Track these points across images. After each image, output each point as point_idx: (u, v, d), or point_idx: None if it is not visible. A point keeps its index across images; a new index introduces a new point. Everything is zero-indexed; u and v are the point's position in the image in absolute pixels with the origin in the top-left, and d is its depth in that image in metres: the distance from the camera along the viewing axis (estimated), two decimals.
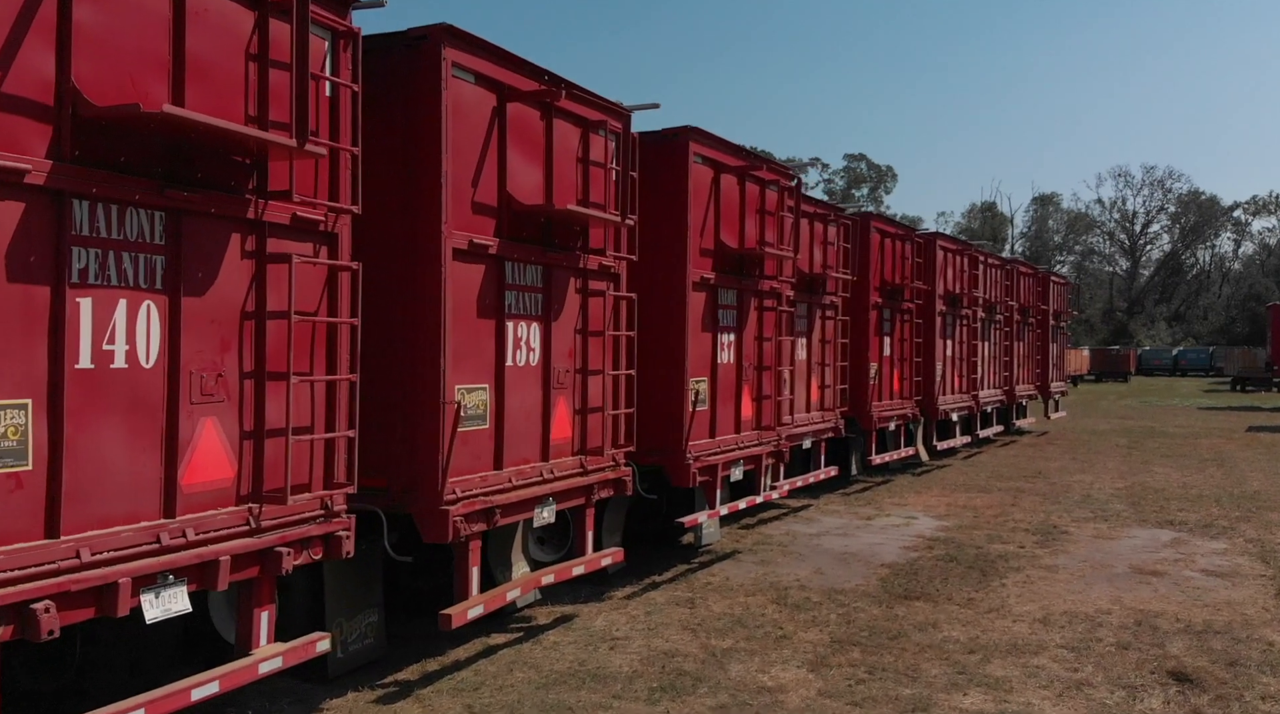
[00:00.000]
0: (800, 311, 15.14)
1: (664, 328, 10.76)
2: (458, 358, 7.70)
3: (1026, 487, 18.83)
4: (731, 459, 11.62)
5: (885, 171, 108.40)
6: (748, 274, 12.12)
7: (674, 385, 10.72)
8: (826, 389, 16.02)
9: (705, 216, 11.19)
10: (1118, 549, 13.21)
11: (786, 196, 12.78)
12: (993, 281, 24.21)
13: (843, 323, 16.38)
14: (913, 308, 19.28)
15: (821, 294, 15.76)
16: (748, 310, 12.15)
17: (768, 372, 12.60)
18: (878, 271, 17.85)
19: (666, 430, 10.77)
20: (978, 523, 14.96)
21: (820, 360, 15.85)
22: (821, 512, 15.99)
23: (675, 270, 10.73)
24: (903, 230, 18.81)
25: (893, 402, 18.54)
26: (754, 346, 12.35)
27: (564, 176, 8.94)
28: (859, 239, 17.21)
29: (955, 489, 18.45)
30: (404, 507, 7.59)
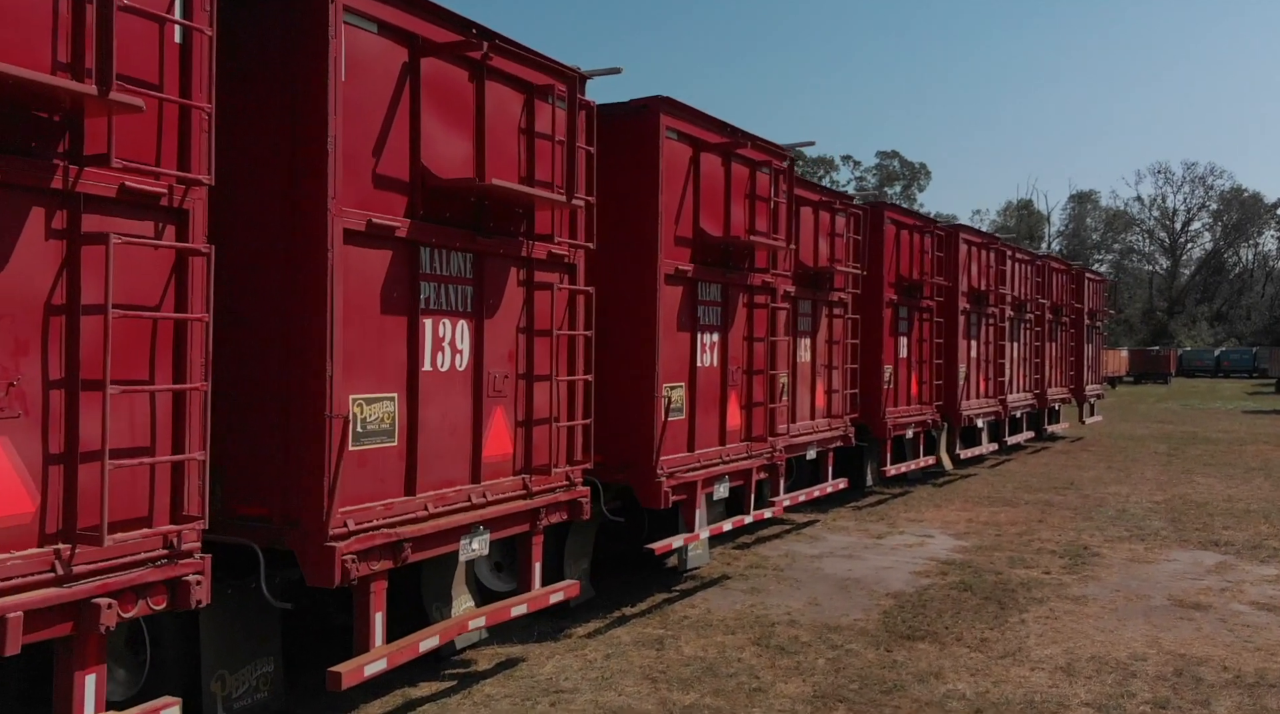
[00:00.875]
0: (803, 309, 13.79)
1: (631, 327, 9.44)
2: (351, 362, 6.41)
3: (1056, 500, 17.34)
4: (714, 474, 10.27)
5: (919, 169, 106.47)
6: (734, 266, 10.77)
7: (642, 392, 9.39)
8: (834, 394, 14.64)
9: (682, 200, 9.85)
10: (1155, 575, 11.76)
11: (780, 180, 11.40)
12: (1022, 278, 22.70)
13: (852, 322, 14.99)
14: (933, 306, 17.84)
15: (828, 290, 14.38)
16: (735, 307, 10.79)
17: (759, 376, 11.23)
18: (893, 266, 16.43)
19: (634, 444, 9.44)
20: (1000, 543, 13.53)
21: (827, 363, 14.47)
22: (828, 528, 14.61)
23: (644, 261, 9.41)
24: (921, 221, 17.38)
25: (910, 407, 17.12)
26: (742, 348, 10.99)
27: (501, 149, 7.64)
28: (871, 230, 15.83)
29: (978, 502, 17.00)
30: (283, 542, 6.30)
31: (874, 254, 15.91)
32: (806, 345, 13.95)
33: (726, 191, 10.58)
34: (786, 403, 13.18)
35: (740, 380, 10.96)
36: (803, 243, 13.72)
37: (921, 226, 17.26)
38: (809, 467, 15.05)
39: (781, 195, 11.44)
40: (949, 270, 18.56)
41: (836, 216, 14.50)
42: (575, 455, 8.53)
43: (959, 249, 18.81)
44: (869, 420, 16.14)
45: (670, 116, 9.55)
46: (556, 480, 8.26)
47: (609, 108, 9.35)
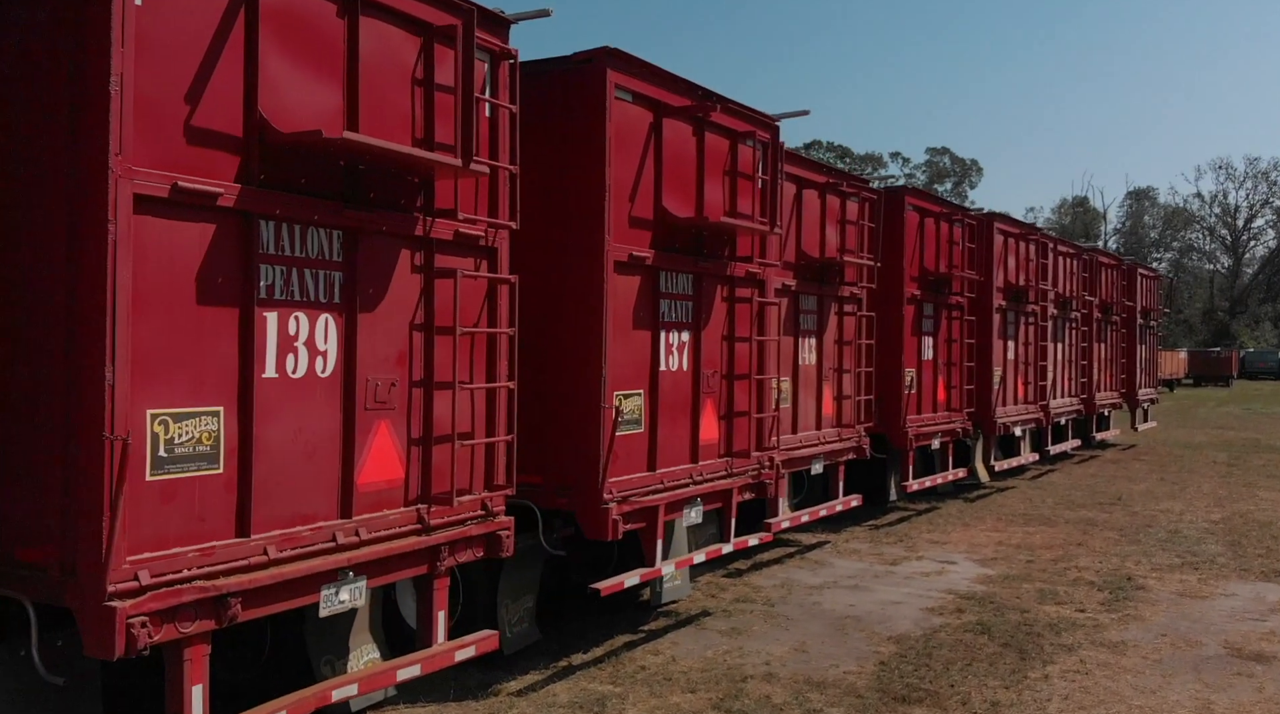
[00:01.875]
0: (806, 305, 12.21)
1: (570, 323, 7.94)
2: (150, 367, 4.96)
3: (1100, 518, 15.59)
4: (681, 497, 8.73)
5: (969, 165, 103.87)
6: (710, 254, 9.23)
7: (583, 401, 7.88)
8: (845, 401, 13.05)
9: (638, 174, 8.33)
10: (1210, 614, 10.06)
11: (769, 154, 9.82)
12: (1067, 273, 20.90)
13: (866, 320, 13.39)
14: (963, 303, 16.15)
15: (837, 284, 12.79)
16: (710, 302, 9.25)
17: (742, 381, 9.68)
18: (915, 258, 14.77)
19: (575, 463, 7.93)
20: (1030, 571, 11.86)
21: (836, 366, 12.88)
22: (838, 551, 13.01)
23: (586, 245, 7.89)
24: (947, 208, 15.67)
25: (936, 415, 15.44)
26: (721, 349, 9.45)
27: (384, 103, 6.17)
28: (889, 218, 14.19)
29: (1012, 520, 15.29)
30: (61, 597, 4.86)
31: (892, 244, 14.26)
32: (811, 346, 12.37)
33: (699, 166, 9.03)
34: (783, 412, 11.64)
35: (718, 386, 9.41)
36: (806, 230, 12.16)
37: (949, 214, 15.57)
38: (816, 483, 13.49)
39: (769, 172, 9.85)
40: (982, 263, 16.85)
41: (848, 201, 12.90)
42: (495, 479, 7.04)
43: (994, 240, 17.09)
44: (888, 430, 14.51)
45: (621, 73, 7.98)
46: (466, 510, 6.78)
47: (545, 63, 8.04)
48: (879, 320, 13.79)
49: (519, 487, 7.23)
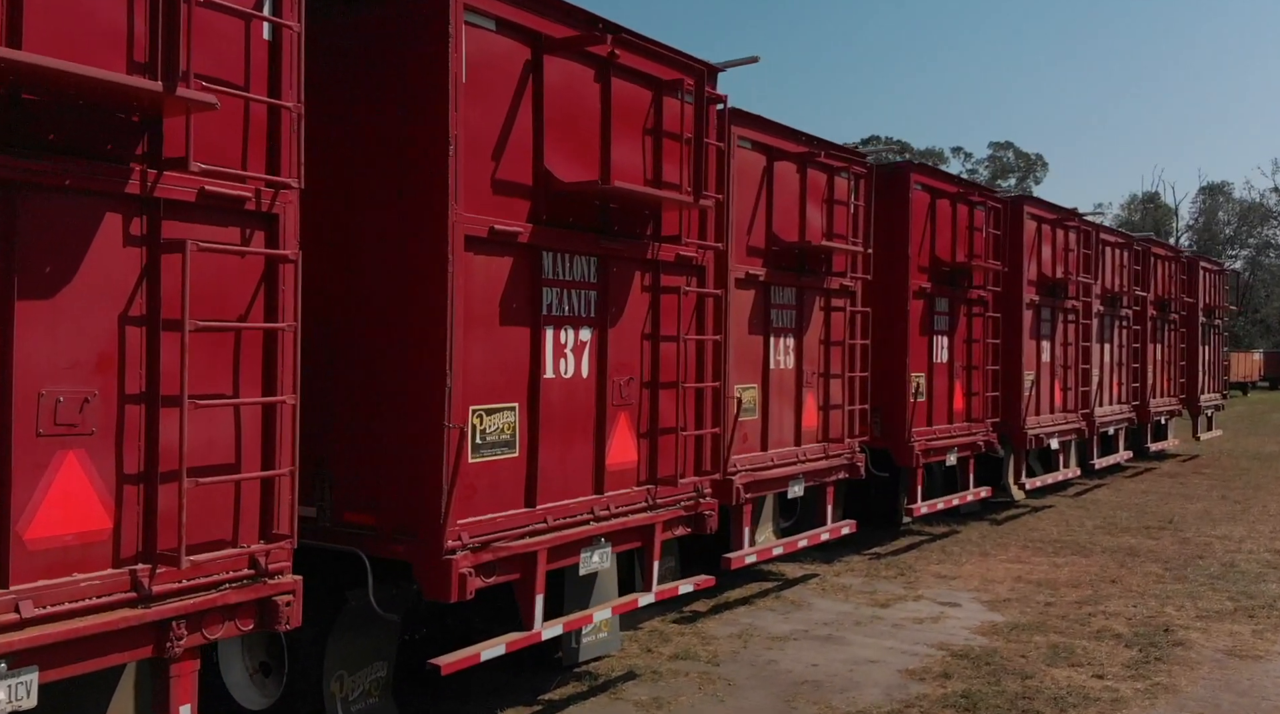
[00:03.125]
0: (779, 298, 10.32)
1: (405, 318, 6.15)
2: None
3: (1144, 546, 13.47)
4: (566, 540, 6.88)
5: (1034, 160, 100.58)
6: (621, 233, 7.40)
7: (421, 420, 6.07)
8: (832, 411, 11.13)
9: (506, 127, 6.51)
10: (1262, 683, 8.03)
11: (699, 108, 7.92)
12: (1115, 266, 18.70)
13: (860, 316, 11.45)
14: (986, 298, 14.10)
15: (819, 275, 10.88)
16: (620, 294, 7.42)
17: (669, 390, 7.82)
18: (923, 245, 12.78)
19: (410, 498, 6.12)
20: (1047, 618, 9.85)
21: (820, 370, 10.97)
22: (823, 588, 11.09)
23: (424, 216, 6.08)
24: (964, 188, 13.60)
25: (951, 426, 13.42)
26: (639, 350, 7.61)
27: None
28: (888, 197, 12.24)
29: (1040, 548, 13.23)
30: None
31: (892, 228, 12.32)
32: (786, 347, 10.47)
33: (605, 120, 7.22)
34: (749, 425, 9.78)
35: (634, 398, 7.56)
36: (779, 211, 10.28)
37: (965, 194, 13.51)
38: (810, 506, 11.61)
39: (698, 129, 7.95)
40: (1010, 253, 14.78)
41: (836, 177, 11.00)
42: (278, 526, 5.27)
43: (1024, 226, 15.01)
44: (892, 444, 12.55)
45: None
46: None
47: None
48: (876, 318, 11.82)
49: None
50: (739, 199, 9.69)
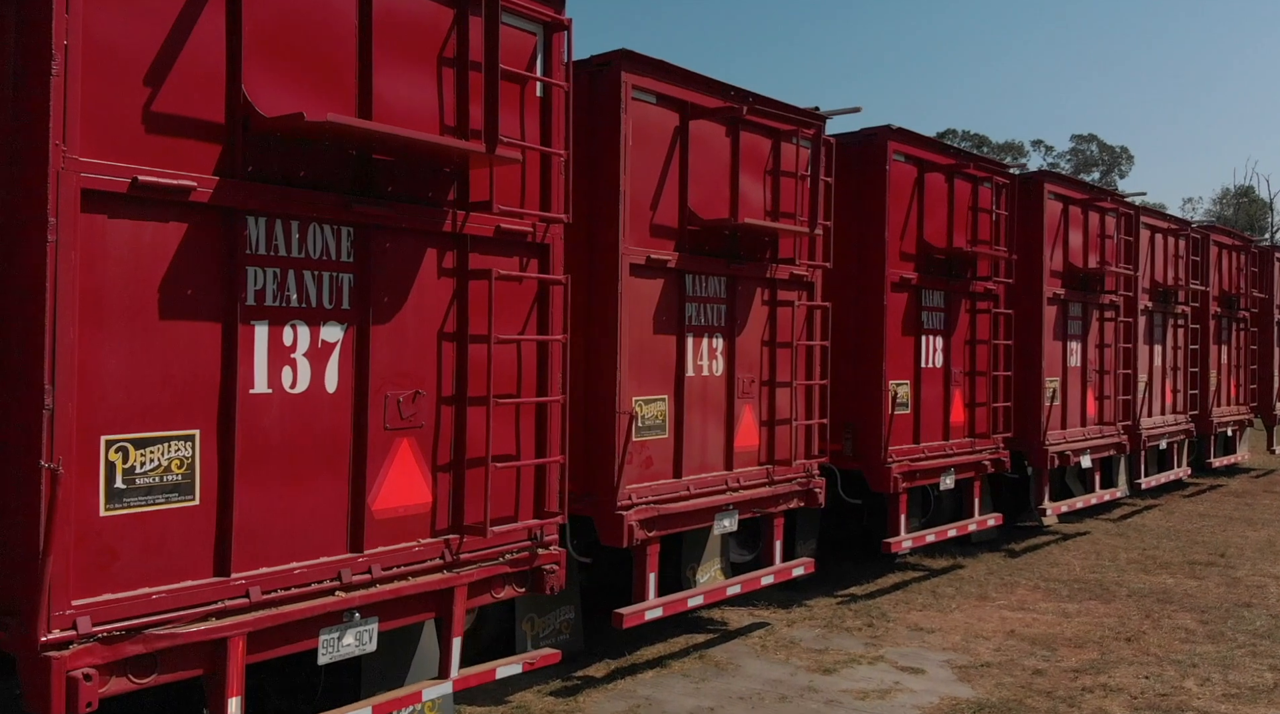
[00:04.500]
0: (702, 290, 8.38)
1: None
2: None
3: (1182, 587, 11.22)
4: (308, 613, 5.01)
5: (1119, 153, 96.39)
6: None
7: None
8: (778, 427, 9.13)
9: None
10: None
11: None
12: (1168, 256, 16.33)
13: (819, 312, 9.45)
14: (995, 290, 11.95)
15: (764, 261, 8.92)
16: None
17: (518, 406, 5.96)
18: (904, 228, 10.68)
19: None
20: (1028, 694, 7.77)
21: (762, 376, 9.00)
22: (767, 643, 9.10)
23: None
24: (958, 159, 11.38)
25: (948, 444, 11.30)
26: (420, 356, 5.74)
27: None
28: (863, 173, 10.22)
29: (1053, 589, 11.06)
30: None
31: (867, 208, 10.28)
32: (713, 351, 8.52)
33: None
34: (652, 446, 7.89)
35: (416, 418, 5.68)
36: (712, 189, 8.34)
37: (961, 167, 11.31)
38: (732, 542, 9.68)
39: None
40: (1025, 238, 12.61)
41: (783, 143, 9.01)
42: None
43: (1043, 207, 12.79)
44: (866, 465, 10.49)
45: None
46: None
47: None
48: (848, 314, 9.82)
49: None
50: (638, 169, 7.79)
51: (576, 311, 7.76)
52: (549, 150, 6.31)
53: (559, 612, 8.34)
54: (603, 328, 7.68)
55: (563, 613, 8.37)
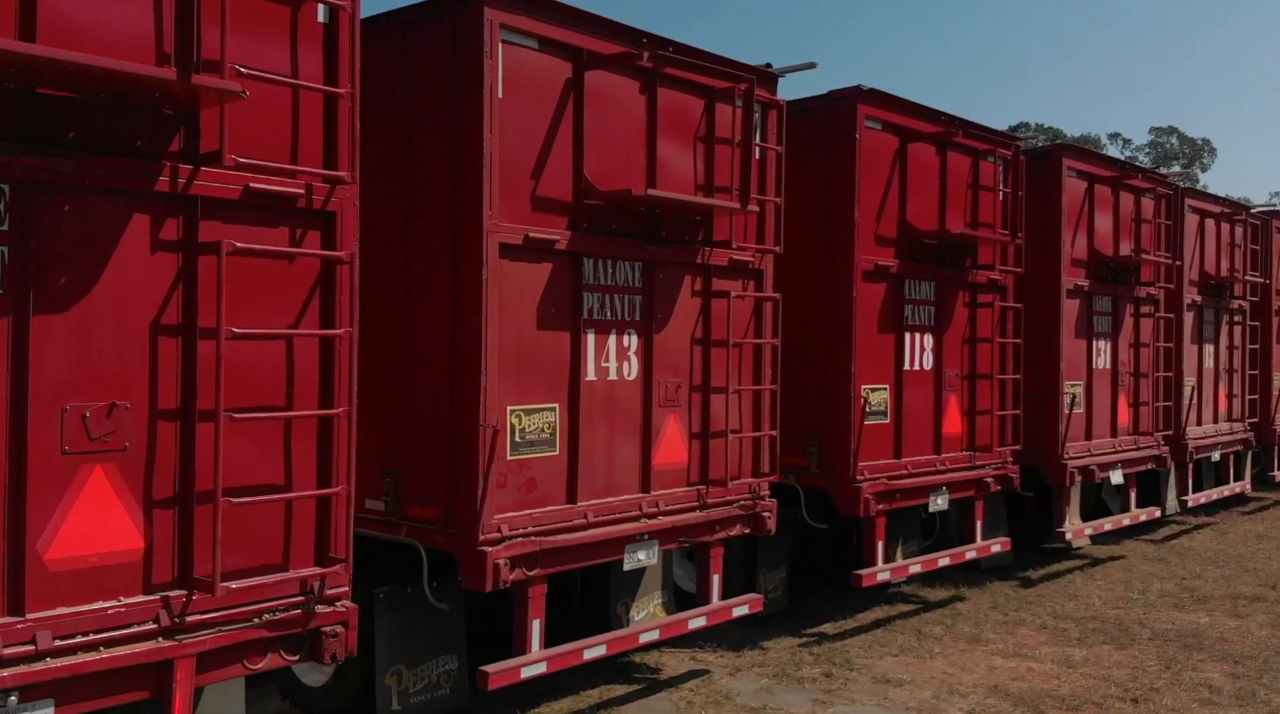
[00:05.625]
0: (617, 278, 7.04)
1: None
2: None
3: (1218, 628, 9.55)
4: None
5: (1201, 146, 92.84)
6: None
7: None
8: (714, 442, 7.71)
9: None
10: None
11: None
12: (1220, 244, 14.52)
13: (769, 305, 8.01)
14: (1003, 282, 10.35)
15: (694, 244, 7.51)
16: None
17: None
18: (883, 209, 9.16)
19: None
20: None
21: (694, 381, 7.61)
22: (697, 698, 7.68)
23: None
24: (946, 128, 9.70)
25: (940, 458, 9.75)
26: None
27: None
28: (829, 145, 8.79)
29: (1062, 629, 9.46)
30: None
31: (835, 184, 8.80)
32: (623, 350, 7.12)
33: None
34: (536, 465, 6.52)
35: (139, 446, 4.36)
36: (620, 156, 6.95)
37: (950, 134, 9.66)
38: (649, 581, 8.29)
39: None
40: (1042, 223, 11.00)
41: (739, 108, 7.57)
42: None
43: (1062, 186, 11.15)
44: (832, 484, 8.99)
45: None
46: None
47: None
48: (806, 310, 8.35)
49: None
50: (512, 129, 6.41)
51: (437, 302, 6.43)
52: (329, 91, 4.93)
53: (438, 662, 6.99)
54: (465, 322, 6.32)
55: (442, 663, 7.02)
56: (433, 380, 6.50)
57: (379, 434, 6.77)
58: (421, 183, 6.55)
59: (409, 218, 6.63)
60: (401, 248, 6.66)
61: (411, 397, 6.63)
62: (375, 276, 6.76)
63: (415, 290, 6.61)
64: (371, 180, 6.72)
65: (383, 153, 6.71)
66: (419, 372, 6.60)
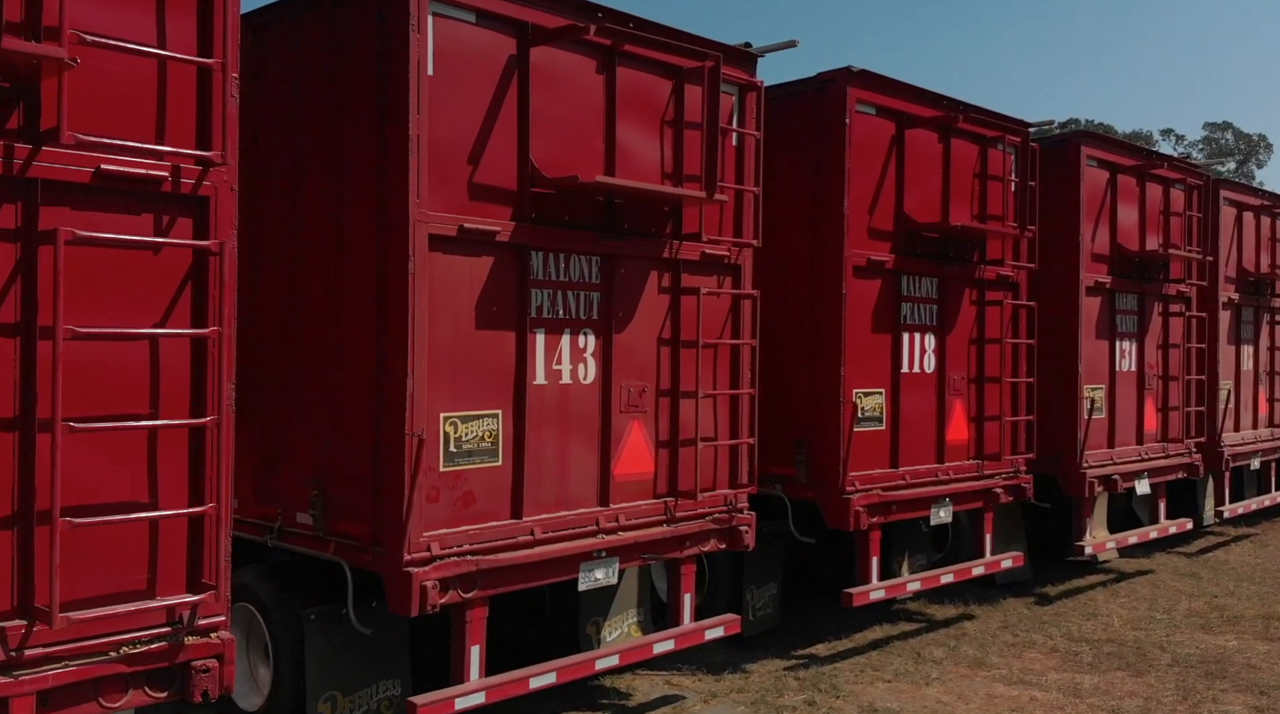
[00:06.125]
0: (572, 273, 6.47)
1: None
2: None
3: (1246, 653, 8.81)
4: None
5: (1256, 141, 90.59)
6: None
7: None
8: (684, 450, 7.11)
9: None
10: None
11: None
12: (1261, 239, 13.69)
13: (747, 303, 7.42)
14: (1014, 278, 9.66)
15: (660, 237, 6.94)
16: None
17: None
18: (877, 200, 8.50)
19: None
20: None
21: (661, 385, 7.03)
22: None
23: None
24: (946, 113, 8.91)
25: (942, 467, 9.06)
26: None
27: None
28: (816, 131, 8.20)
29: (1074, 653, 8.76)
30: None
31: (823, 173, 8.17)
32: (578, 351, 6.56)
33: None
34: (475, 477, 5.99)
35: None
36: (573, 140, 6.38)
37: (950, 119, 8.93)
38: None
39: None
40: (1059, 216, 10.29)
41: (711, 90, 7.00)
42: None
43: (1080, 177, 10.41)
44: (821, 495, 8.35)
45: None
46: None
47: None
48: (784, 309, 7.72)
49: None
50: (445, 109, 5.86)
51: (364, 299, 5.91)
52: (199, 62, 4.39)
53: (378, 688, 6.48)
54: (391, 321, 5.77)
55: (383, 689, 6.51)
56: (358, 385, 5.97)
57: (309, 443, 6.28)
58: (349, 170, 6.03)
59: (338, 208, 6.10)
60: (332, 241, 6.14)
61: (339, 403, 6.10)
62: (308, 270, 6.28)
63: (345, 286, 6.08)
64: (305, 168, 6.28)
65: (316, 138, 6.20)
66: (346, 375, 6.07)
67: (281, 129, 6.37)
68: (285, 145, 6.36)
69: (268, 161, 6.41)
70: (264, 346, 6.40)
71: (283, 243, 6.42)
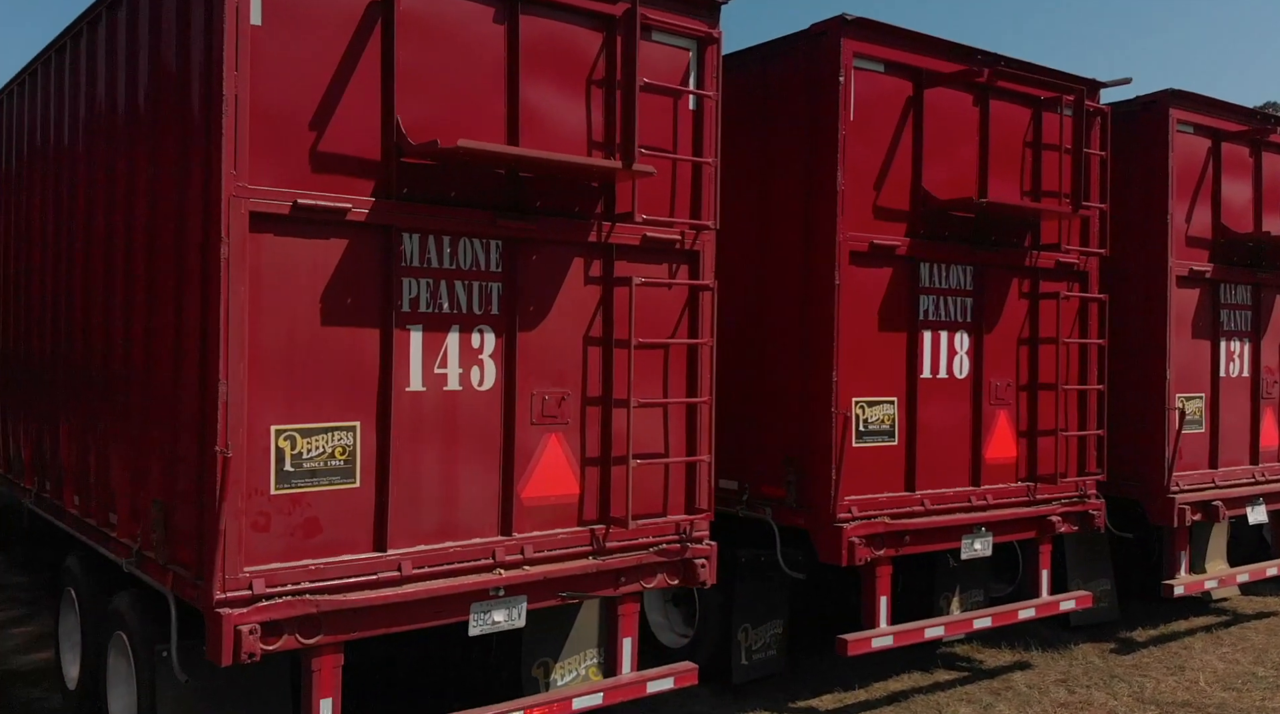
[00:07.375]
0: (460, 260, 5.55)
1: None
2: None
3: None
4: None
5: None
6: None
7: None
8: (615, 469, 6.03)
9: None
10: None
11: None
12: None
13: (707, 296, 6.25)
14: (1078, 266, 8.14)
15: (585, 218, 5.90)
16: None
17: None
18: (885, 173, 7.15)
19: None
20: None
21: (587, 391, 6.01)
22: None
23: None
24: (970, 65, 7.36)
25: (977, 490, 7.63)
26: None
27: None
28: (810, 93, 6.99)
29: None
30: None
31: (817, 142, 6.93)
32: (471, 351, 5.55)
33: None
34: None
35: None
36: (461, 101, 5.39)
37: (972, 74, 7.39)
38: None
39: None
40: (1142, 192, 8.71)
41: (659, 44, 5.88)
42: None
43: (1169, 146, 8.77)
44: (811, 523, 7.06)
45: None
46: None
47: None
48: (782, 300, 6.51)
49: None
50: (270, 63, 4.92)
51: (191, 289, 5.04)
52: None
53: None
54: (211, 316, 4.87)
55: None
56: (190, 391, 5.09)
57: (159, 461, 5.43)
58: (164, 142, 5.15)
59: (154, 185, 5.24)
60: (144, 224, 5.29)
61: (177, 413, 5.24)
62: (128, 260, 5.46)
63: (163, 277, 5.22)
64: None
65: None
66: (183, 380, 5.20)
67: None
68: None
69: None
70: None
71: None
